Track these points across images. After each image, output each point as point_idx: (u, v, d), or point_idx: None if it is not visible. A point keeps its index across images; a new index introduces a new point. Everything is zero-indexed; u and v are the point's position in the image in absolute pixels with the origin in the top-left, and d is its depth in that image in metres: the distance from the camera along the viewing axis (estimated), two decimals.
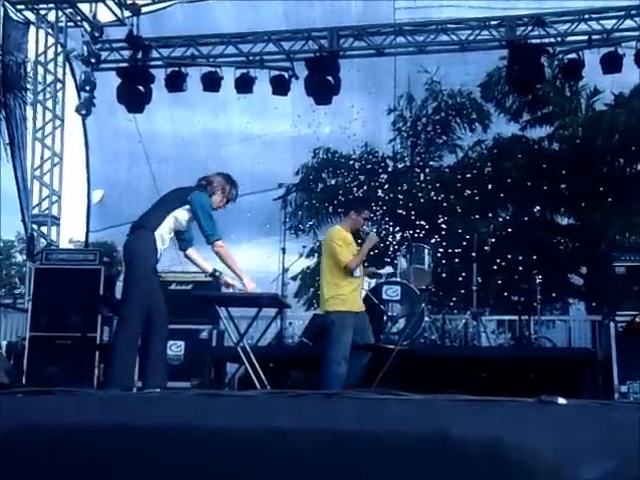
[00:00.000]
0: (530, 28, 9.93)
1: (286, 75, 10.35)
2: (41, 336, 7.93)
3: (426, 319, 8.05)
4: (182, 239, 5.53)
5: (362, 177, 15.37)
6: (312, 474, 2.20)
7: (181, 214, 5.37)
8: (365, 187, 15.22)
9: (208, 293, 6.79)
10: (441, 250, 11.82)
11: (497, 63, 12.81)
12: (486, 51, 10.99)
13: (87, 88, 10.62)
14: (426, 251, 8.62)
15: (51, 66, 11.04)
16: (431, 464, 2.13)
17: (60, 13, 10.96)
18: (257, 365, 5.79)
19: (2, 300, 14.58)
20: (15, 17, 11.10)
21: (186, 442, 2.26)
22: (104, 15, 10.93)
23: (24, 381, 7.53)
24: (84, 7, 10.87)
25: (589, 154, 13.58)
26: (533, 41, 9.96)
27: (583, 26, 9.80)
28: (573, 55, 9.81)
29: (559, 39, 9.99)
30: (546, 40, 10.00)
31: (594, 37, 9.74)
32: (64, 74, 11.23)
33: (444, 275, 11.96)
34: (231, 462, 2.24)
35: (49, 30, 11.04)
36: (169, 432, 2.31)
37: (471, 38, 10.16)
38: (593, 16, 9.79)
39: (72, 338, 7.62)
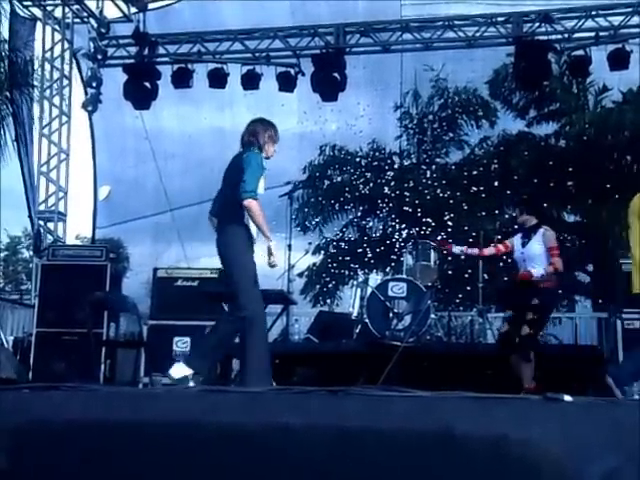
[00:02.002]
0: (537, 25, 9.90)
1: (292, 72, 10.34)
2: (47, 332, 7.95)
3: (432, 316, 8.04)
4: None
5: (368, 174, 15.36)
6: (317, 470, 2.20)
7: None
8: (371, 184, 15.22)
9: (214, 289, 6.79)
10: None
11: (504, 60, 12.77)
12: (493, 48, 10.96)
13: (93, 84, 10.63)
14: (432, 248, 8.63)
15: (58, 62, 11.06)
16: (436, 461, 2.13)
17: (67, 9, 10.98)
18: None
19: (9, 296, 14.64)
20: (22, 13, 11.13)
21: (192, 438, 2.26)
22: (111, 11, 10.96)
23: (31, 377, 7.55)
24: (91, 3, 10.90)
25: (596, 151, 13.53)
26: (540, 38, 9.93)
27: (590, 23, 9.77)
28: (580, 52, 9.77)
29: (566, 36, 9.96)
30: (553, 37, 9.97)
31: (601, 34, 9.70)
32: (71, 70, 11.26)
33: (450, 272, 11.97)
34: (237, 458, 2.24)
35: (56, 26, 11.07)
36: (175, 428, 2.31)
37: (478, 35, 10.13)
38: (600, 12, 9.75)
39: (78, 334, 7.62)
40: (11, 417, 2.40)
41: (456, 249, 7.41)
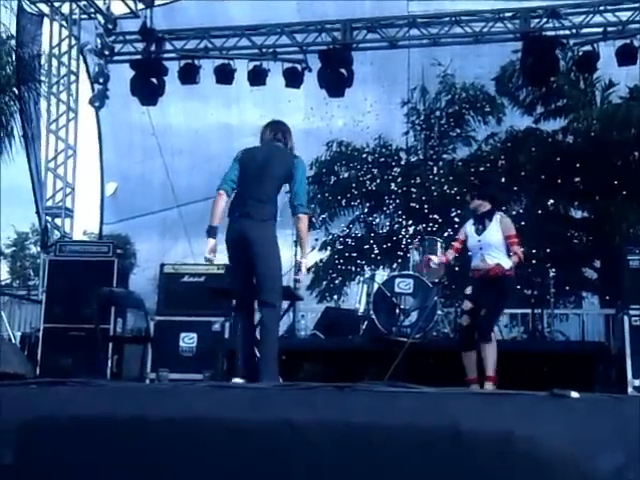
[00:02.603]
0: (545, 20, 9.87)
1: (299, 67, 10.34)
2: (55, 327, 7.97)
3: (438, 312, 8.03)
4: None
5: (375, 170, 15.34)
6: (324, 465, 2.20)
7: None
8: (378, 180, 15.20)
9: (221, 285, 6.79)
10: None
11: (511, 56, 12.73)
12: (500, 43, 10.93)
13: (100, 80, 10.64)
14: (439, 244, 8.62)
15: (65, 58, 11.08)
16: (443, 457, 2.13)
17: (74, 6, 11.01)
18: None
19: (17, 291, 14.68)
20: (30, 10, 11.16)
21: (198, 433, 2.27)
22: (118, 7, 10.97)
23: (38, 372, 7.58)
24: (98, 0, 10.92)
25: (603, 147, 13.49)
26: (548, 33, 9.90)
27: (598, 18, 9.73)
28: (588, 47, 9.74)
29: (574, 31, 9.92)
30: (561, 32, 9.94)
31: (609, 29, 9.67)
32: (78, 66, 11.29)
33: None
34: (243, 454, 2.24)
35: (63, 23, 11.09)
36: (181, 424, 2.32)
37: (485, 30, 10.11)
38: (608, 8, 9.73)
39: (86, 330, 7.64)
40: (18, 412, 2.41)
41: (434, 264, 6.97)
